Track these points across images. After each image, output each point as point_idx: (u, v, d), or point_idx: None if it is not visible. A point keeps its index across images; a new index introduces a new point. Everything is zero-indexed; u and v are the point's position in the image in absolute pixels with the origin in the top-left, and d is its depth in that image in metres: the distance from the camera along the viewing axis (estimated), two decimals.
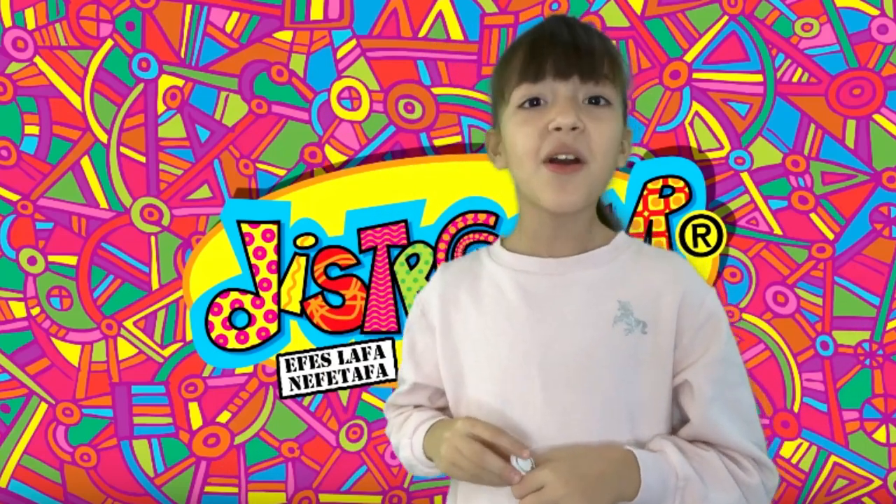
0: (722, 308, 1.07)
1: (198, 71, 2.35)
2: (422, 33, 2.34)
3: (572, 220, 1.03)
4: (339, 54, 2.35)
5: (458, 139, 2.35)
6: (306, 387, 2.37)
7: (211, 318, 2.35)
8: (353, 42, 2.34)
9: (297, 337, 2.36)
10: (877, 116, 2.30)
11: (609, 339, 0.99)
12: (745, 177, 2.33)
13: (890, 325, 2.31)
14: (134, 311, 2.37)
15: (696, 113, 2.33)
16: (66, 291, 2.37)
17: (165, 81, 2.35)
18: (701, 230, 2.32)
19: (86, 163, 2.36)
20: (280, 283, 2.35)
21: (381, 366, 2.36)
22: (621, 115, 1.03)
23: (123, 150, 2.36)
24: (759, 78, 2.32)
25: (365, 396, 2.39)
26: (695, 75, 2.32)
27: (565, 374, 0.99)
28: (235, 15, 2.34)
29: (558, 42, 0.99)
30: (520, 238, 1.08)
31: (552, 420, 0.99)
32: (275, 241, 2.36)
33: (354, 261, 2.35)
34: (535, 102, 0.99)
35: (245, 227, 2.36)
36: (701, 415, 1.02)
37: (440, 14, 2.33)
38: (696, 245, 2.33)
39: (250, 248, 2.36)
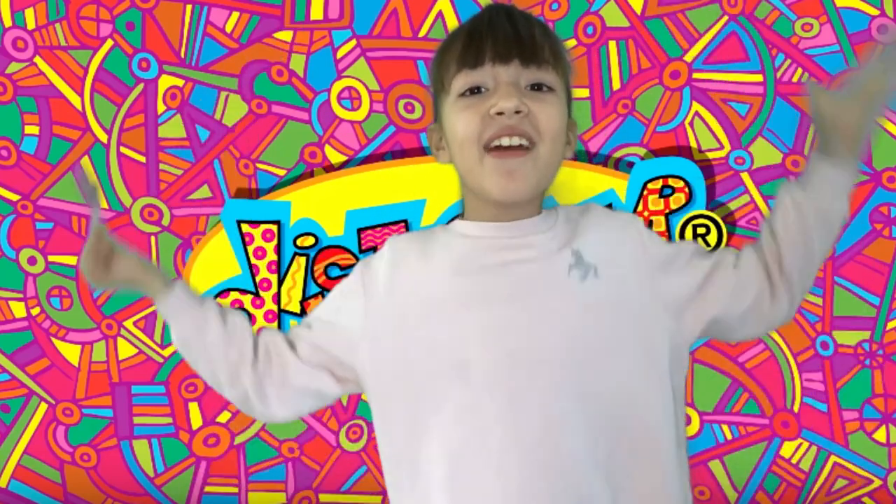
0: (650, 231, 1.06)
1: (198, 71, 2.35)
2: (422, 33, 2.33)
3: (520, 208, 1.00)
4: (339, 54, 2.35)
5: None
6: None
7: None
8: (353, 42, 2.34)
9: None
10: None
11: (565, 288, 0.96)
12: (745, 177, 2.33)
13: (890, 325, 2.31)
14: (134, 311, 2.37)
15: (696, 113, 2.33)
16: (66, 291, 2.37)
17: (165, 81, 2.35)
18: (701, 230, 2.32)
19: (86, 163, 2.36)
20: (280, 283, 2.35)
21: None
22: (565, 104, 1.01)
23: (123, 150, 2.36)
24: (759, 78, 2.31)
25: (365, 396, 2.38)
26: (695, 75, 2.32)
27: (530, 329, 0.95)
28: (235, 15, 2.34)
29: (497, 28, 0.97)
30: (472, 215, 1.06)
31: (526, 372, 0.94)
32: (275, 241, 2.36)
33: (354, 261, 2.35)
34: (475, 91, 0.96)
35: (245, 227, 2.36)
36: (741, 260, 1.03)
37: (440, 14, 2.33)
38: None
39: (250, 248, 2.36)
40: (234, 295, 2.35)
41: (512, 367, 0.94)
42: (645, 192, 2.33)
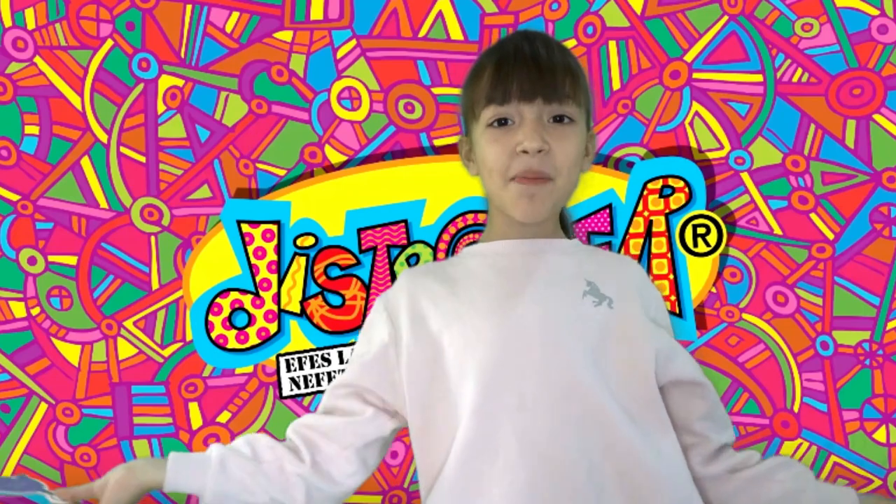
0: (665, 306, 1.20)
1: (198, 71, 2.35)
2: (422, 33, 2.34)
3: (538, 225, 1.12)
4: (339, 54, 2.35)
5: (458, 139, 2.35)
6: (306, 387, 2.37)
7: (211, 318, 2.35)
8: (353, 42, 2.34)
9: (297, 337, 2.36)
10: (877, 116, 2.30)
11: (580, 308, 1.07)
12: (745, 177, 2.33)
13: (890, 325, 2.31)
14: (134, 311, 2.37)
15: (696, 113, 2.33)
16: (66, 291, 2.37)
17: (165, 81, 2.35)
18: (701, 230, 2.32)
19: (86, 163, 2.36)
20: (280, 283, 2.35)
21: None
22: (584, 126, 1.11)
23: (123, 150, 2.36)
24: (759, 78, 2.32)
25: None
26: (695, 75, 2.33)
27: (544, 338, 1.04)
28: (235, 15, 2.34)
29: (522, 63, 1.06)
30: (489, 237, 1.15)
31: (537, 380, 1.02)
32: (275, 241, 2.36)
33: (354, 261, 2.35)
34: (503, 122, 1.06)
35: (245, 227, 2.36)
36: (688, 364, 1.15)
37: (440, 14, 2.33)
38: (696, 245, 2.33)
39: (250, 248, 2.36)
40: (234, 295, 2.35)
41: (522, 375, 1.03)
42: (645, 192, 2.34)
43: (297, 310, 2.35)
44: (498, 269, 1.10)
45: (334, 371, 2.36)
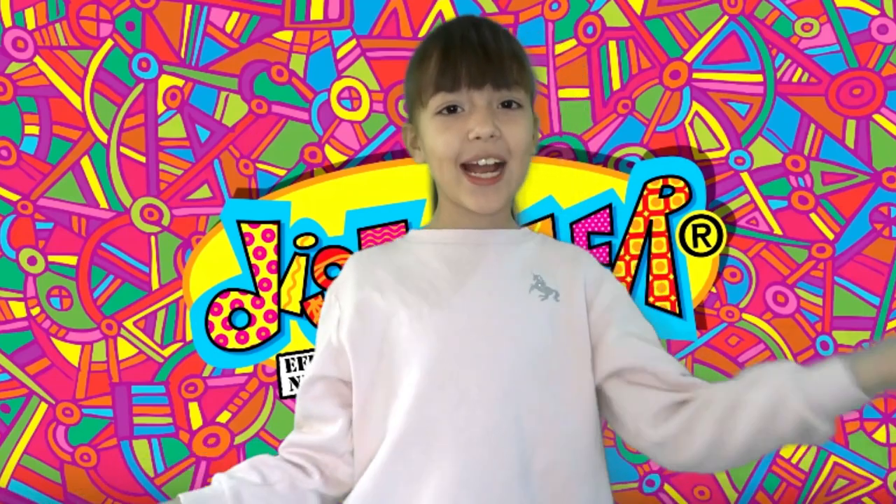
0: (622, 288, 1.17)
1: (198, 71, 2.35)
2: (422, 33, 2.33)
3: (492, 219, 1.12)
4: (339, 54, 2.35)
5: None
6: None
7: (211, 318, 2.35)
8: (353, 42, 2.34)
9: (298, 337, 2.36)
10: (877, 116, 2.30)
11: (526, 304, 1.06)
12: (745, 177, 2.33)
13: (890, 325, 2.31)
14: (134, 311, 2.37)
15: (696, 113, 2.33)
16: (66, 291, 2.37)
17: (165, 81, 2.35)
18: (701, 230, 2.32)
19: (86, 163, 2.36)
20: (280, 283, 2.35)
21: None
22: (531, 112, 1.12)
23: (123, 150, 2.36)
24: (759, 78, 2.32)
25: None
26: (695, 75, 2.32)
27: (489, 332, 1.04)
28: (235, 15, 2.34)
29: (469, 50, 1.07)
30: (437, 222, 1.15)
31: (479, 373, 1.02)
32: (275, 241, 2.36)
33: None
34: (452, 109, 1.07)
35: (245, 227, 2.36)
36: (639, 352, 1.08)
37: (440, 14, 2.33)
38: (695, 245, 2.33)
39: (250, 248, 2.36)
40: (234, 295, 2.35)
41: (465, 367, 1.02)
42: (645, 192, 2.34)
43: (298, 310, 2.35)
44: (445, 258, 1.09)
45: None
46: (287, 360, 2.36)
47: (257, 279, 2.36)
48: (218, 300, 2.35)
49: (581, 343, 1.07)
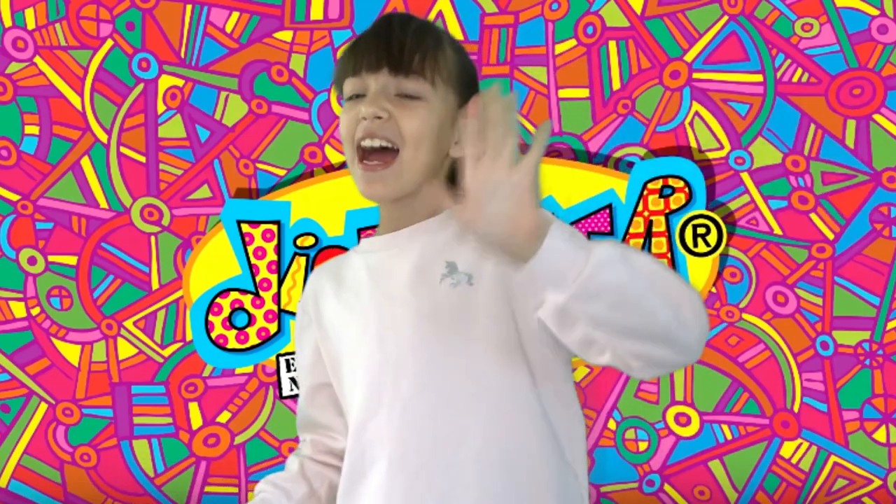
0: None
1: (198, 71, 2.35)
2: None
3: (404, 203, 1.09)
4: (339, 54, 2.34)
5: None
6: None
7: (211, 318, 2.35)
8: None
9: None
10: (877, 116, 2.30)
11: (436, 295, 1.04)
12: (745, 177, 2.33)
13: (890, 325, 2.31)
14: (134, 311, 2.37)
15: (696, 113, 2.33)
16: (66, 291, 2.37)
17: (165, 81, 2.35)
18: (701, 230, 2.32)
19: (86, 163, 2.36)
20: (280, 283, 2.35)
21: None
22: (440, 107, 1.06)
23: (123, 150, 2.36)
24: (759, 78, 2.32)
25: None
26: (695, 75, 2.32)
27: (404, 335, 1.05)
28: (235, 15, 2.34)
29: (373, 37, 1.09)
30: (378, 229, 1.16)
31: (407, 381, 1.04)
32: (275, 241, 2.36)
33: None
34: (357, 96, 1.07)
35: (245, 227, 2.36)
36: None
37: (440, 14, 2.33)
38: (696, 245, 2.33)
39: (250, 248, 2.36)
40: (234, 295, 2.35)
41: (386, 369, 1.05)
42: (645, 192, 2.33)
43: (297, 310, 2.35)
44: (370, 269, 1.11)
45: None
46: (287, 360, 2.36)
47: (257, 279, 2.36)
48: (218, 300, 2.35)
49: (501, 323, 1.03)
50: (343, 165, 2.35)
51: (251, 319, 2.36)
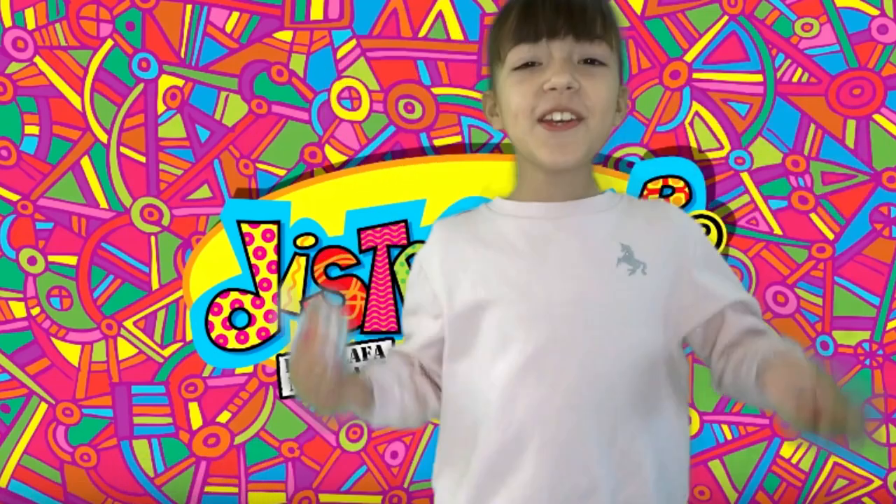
0: (709, 241, 1.14)
1: (198, 71, 2.35)
2: (422, 33, 2.33)
3: (571, 173, 1.05)
4: (339, 54, 2.35)
5: (458, 139, 2.35)
6: None
7: (211, 318, 2.35)
8: (353, 42, 2.34)
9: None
10: (877, 116, 2.30)
11: (614, 280, 1.01)
12: (745, 177, 2.33)
13: (890, 325, 2.31)
14: (134, 311, 2.37)
15: (696, 113, 2.33)
16: (66, 291, 2.37)
17: (165, 81, 2.35)
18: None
19: (86, 163, 2.36)
20: (280, 283, 2.35)
21: None
22: (617, 74, 1.05)
23: (123, 150, 2.36)
24: (759, 78, 2.32)
25: None
26: (695, 75, 2.32)
27: (578, 315, 1.00)
28: (235, 15, 2.34)
29: (550, 2, 1.01)
30: (519, 191, 1.10)
31: (575, 364, 0.99)
32: (275, 241, 2.36)
33: (354, 261, 2.35)
34: (530, 64, 1.01)
35: (245, 227, 2.36)
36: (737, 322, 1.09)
37: (440, 14, 2.33)
38: None
39: (250, 248, 2.36)
40: (234, 295, 2.35)
41: (553, 347, 0.99)
42: (645, 192, 2.34)
43: (297, 310, 2.35)
44: (527, 235, 1.04)
45: None
46: (287, 360, 2.36)
47: (257, 279, 2.36)
48: (218, 300, 2.35)
49: (663, 315, 1.04)
50: (343, 165, 2.35)
51: (251, 319, 2.36)
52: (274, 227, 2.36)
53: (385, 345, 2.35)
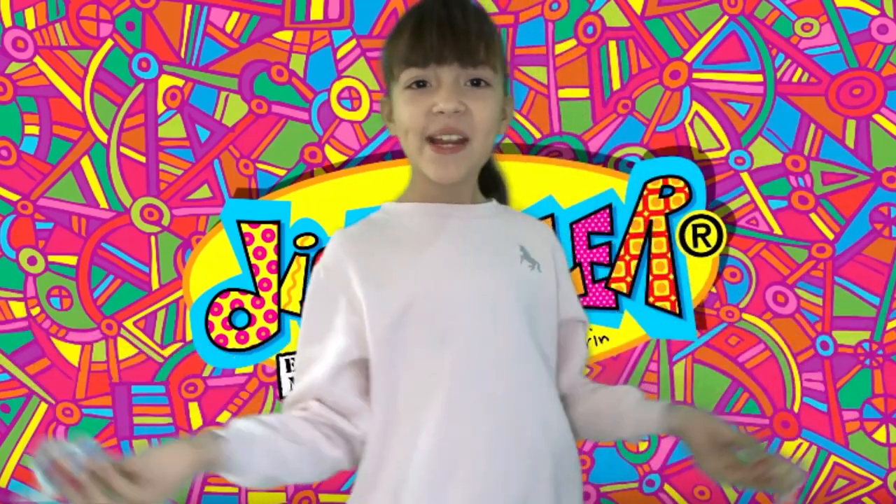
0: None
1: (198, 71, 2.35)
2: None
3: (456, 188, 1.14)
4: (339, 54, 2.35)
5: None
6: None
7: (211, 318, 2.35)
8: (353, 42, 2.34)
9: (298, 337, 2.36)
10: (877, 116, 2.30)
11: (520, 273, 1.12)
12: (745, 177, 2.33)
13: (890, 325, 2.31)
14: (134, 311, 2.37)
15: (696, 113, 2.33)
16: (66, 291, 2.37)
17: (165, 81, 2.35)
18: (701, 230, 2.32)
19: (86, 163, 2.36)
20: (280, 283, 2.35)
21: None
22: (501, 90, 1.12)
23: (123, 150, 2.36)
24: (759, 78, 2.32)
25: None
26: (695, 75, 2.32)
27: (511, 306, 1.08)
28: (235, 15, 2.34)
29: (438, 27, 1.08)
30: (411, 195, 1.18)
31: (510, 351, 1.07)
32: (275, 241, 2.36)
33: None
34: (421, 84, 1.08)
35: (245, 227, 2.36)
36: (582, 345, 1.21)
37: None
38: (696, 245, 2.33)
39: (250, 248, 2.36)
40: (234, 295, 2.35)
41: (484, 338, 1.07)
42: (645, 192, 2.34)
43: (297, 310, 2.35)
44: (437, 229, 1.12)
45: None
46: (287, 360, 2.36)
47: (257, 279, 2.36)
48: (218, 300, 2.35)
49: (554, 312, 1.16)
50: (343, 165, 2.35)
51: (251, 319, 2.36)
52: (274, 227, 2.36)
53: None
